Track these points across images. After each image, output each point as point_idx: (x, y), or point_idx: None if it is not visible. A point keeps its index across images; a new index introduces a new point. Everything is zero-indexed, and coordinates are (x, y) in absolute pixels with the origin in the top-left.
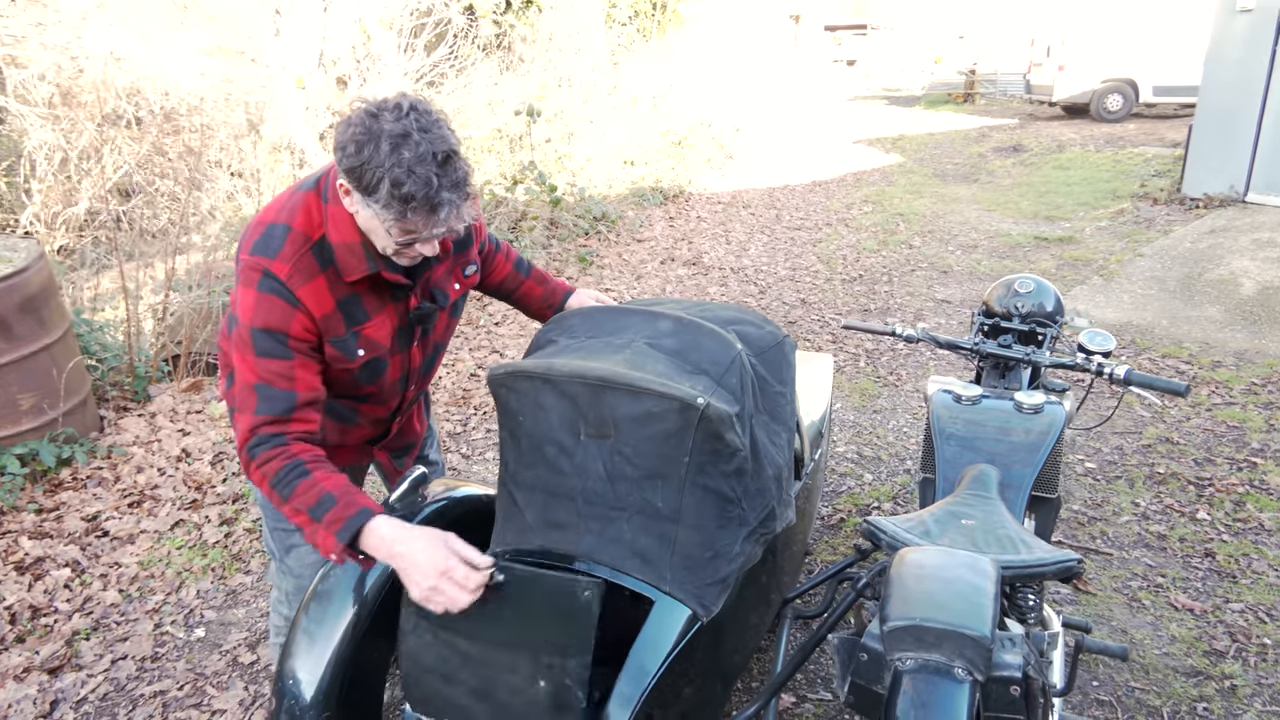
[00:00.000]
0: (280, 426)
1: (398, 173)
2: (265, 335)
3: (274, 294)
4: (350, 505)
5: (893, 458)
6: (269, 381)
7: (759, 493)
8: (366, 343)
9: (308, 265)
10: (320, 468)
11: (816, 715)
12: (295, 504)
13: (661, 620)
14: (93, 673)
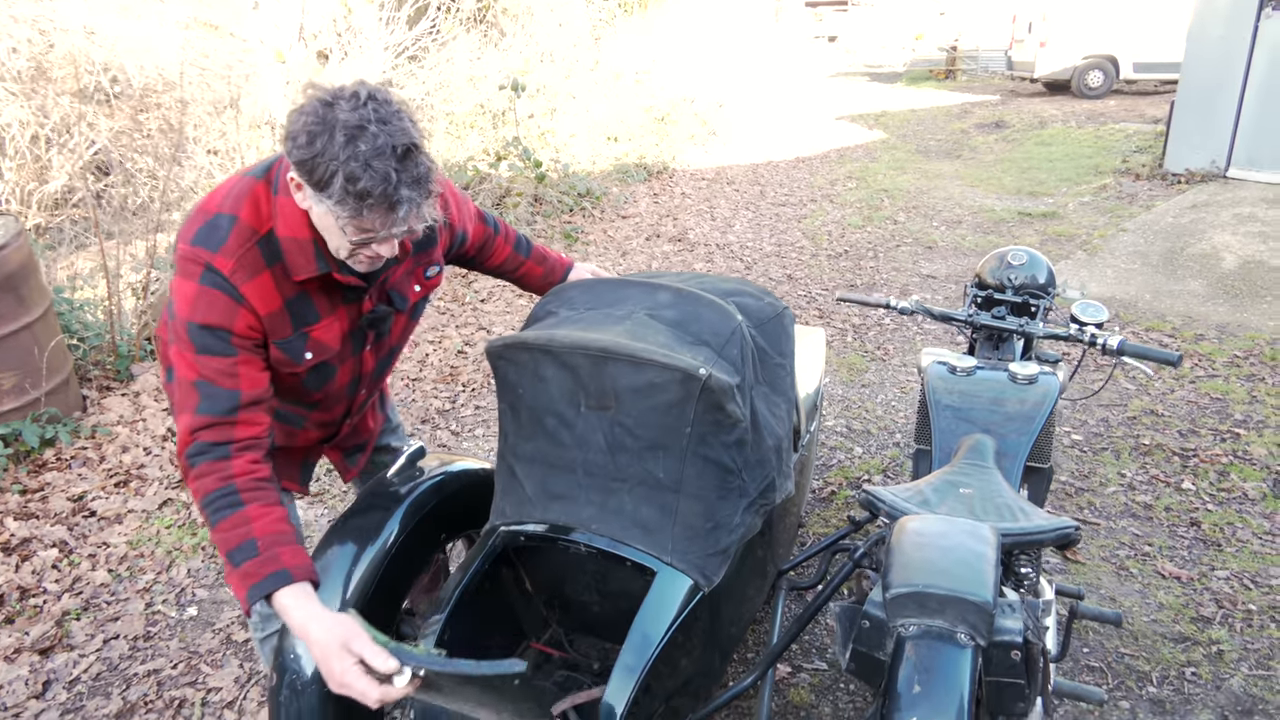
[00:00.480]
0: (223, 431)
1: (353, 167)
2: (205, 332)
3: (216, 288)
4: (269, 562)
5: (882, 431)
6: (210, 379)
7: (759, 464)
8: (315, 345)
9: (253, 260)
10: (256, 497)
11: (812, 685)
12: (218, 536)
13: (663, 591)
14: (84, 653)
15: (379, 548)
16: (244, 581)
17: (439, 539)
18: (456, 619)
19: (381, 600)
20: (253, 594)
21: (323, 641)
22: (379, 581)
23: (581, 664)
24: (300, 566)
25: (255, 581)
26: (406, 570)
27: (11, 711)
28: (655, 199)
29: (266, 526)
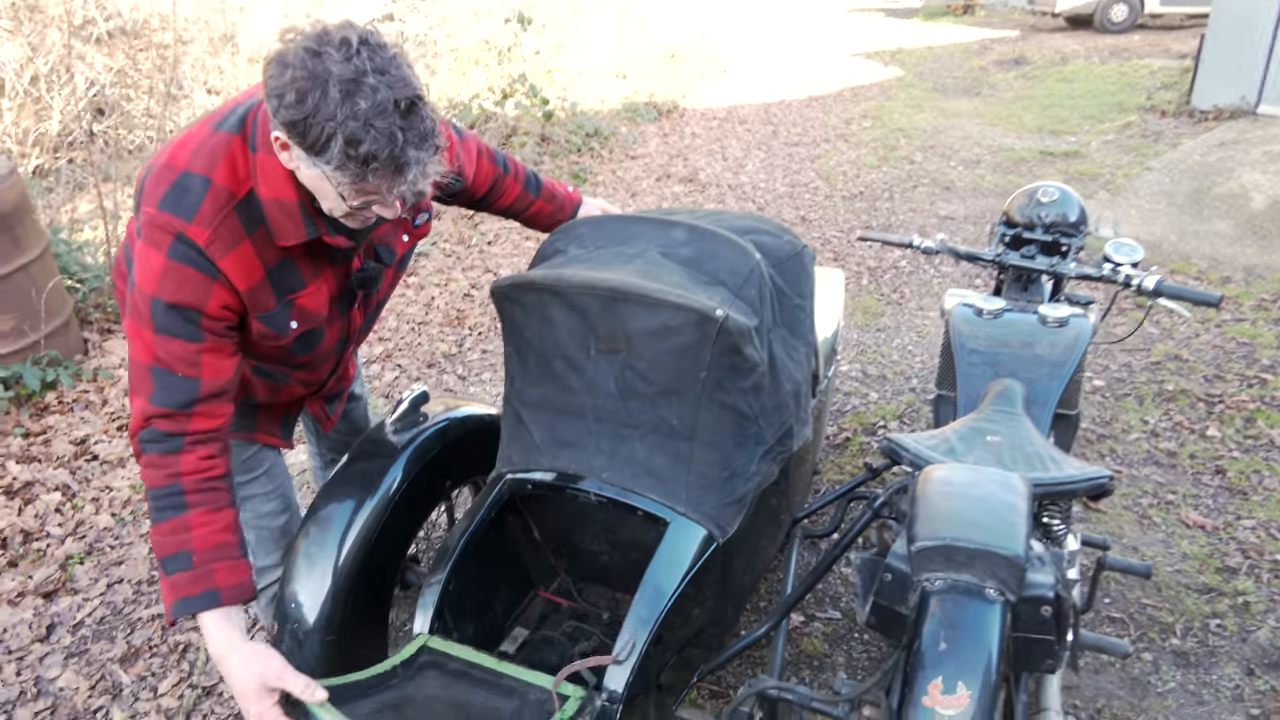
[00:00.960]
0: (178, 423)
1: (353, 127)
2: (172, 312)
3: (189, 263)
4: (201, 580)
5: (898, 376)
6: (168, 366)
7: (776, 410)
8: (300, 314)
9: (232, 229)
10: (202, 501)
11: (826, 634)
12: (156, 537)
13: (676, 541)
14: (88, 596)
15: (381, 496)
16: (173, 592)
17: (444, 486)
18: (461, 568)
19: (384, 550)
20: (177, 609)
21: (240, 677)
22: (381, 531)
23: (590, 614)
24: (232, 587)
25: (183, 597)
26: (410, 519)
27: (16, 655)
28: (665, 139)
29: (206, 538)
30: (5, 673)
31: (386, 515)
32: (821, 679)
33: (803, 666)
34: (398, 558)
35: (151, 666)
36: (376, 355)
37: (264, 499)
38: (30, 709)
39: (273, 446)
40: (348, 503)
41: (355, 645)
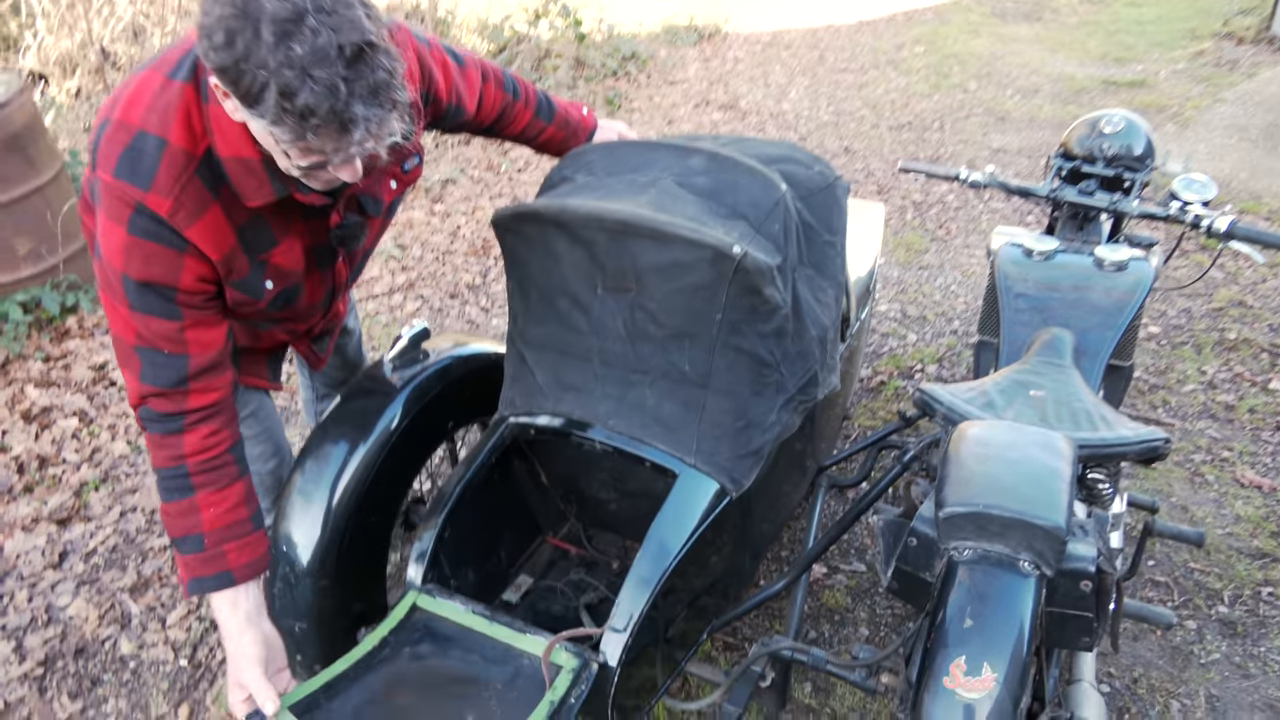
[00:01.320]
0: (175, 402)
1: (288, 77)
2: (145, 290)
3: (152, 238)
4: (214, 561)
5: (939, 317)
6: (153, 345)
7: (800, 356)
8: (275, 272)
9: (196, 194)
10: (208, 482)
11: (849, 588)
12: (166, 516)
13: (685, 495)
14: (102, 524)
15: (377, 437)
16: (187, 570)
17: (446, 427)
18: (459, 514)
19: (381, 493)
20: (192, 588)
21: (240, 661)
22: (377, 472)
23: (599, 562)
24: (245, 566)
25: (197, 577)
26: (409, 460)
27: (28, 581)
28: (705, 64)
29: (216, 519)
30: (17, 599)
31: (383, 456)
32: (841, 635)
33: (823, 621)
34: (396, 500)
35: (161, 597)
36: (399, 285)
37: (251, 443)
38: (40, 636)
39: (259, 389)
40: (342, 444)
41: (351, 589)
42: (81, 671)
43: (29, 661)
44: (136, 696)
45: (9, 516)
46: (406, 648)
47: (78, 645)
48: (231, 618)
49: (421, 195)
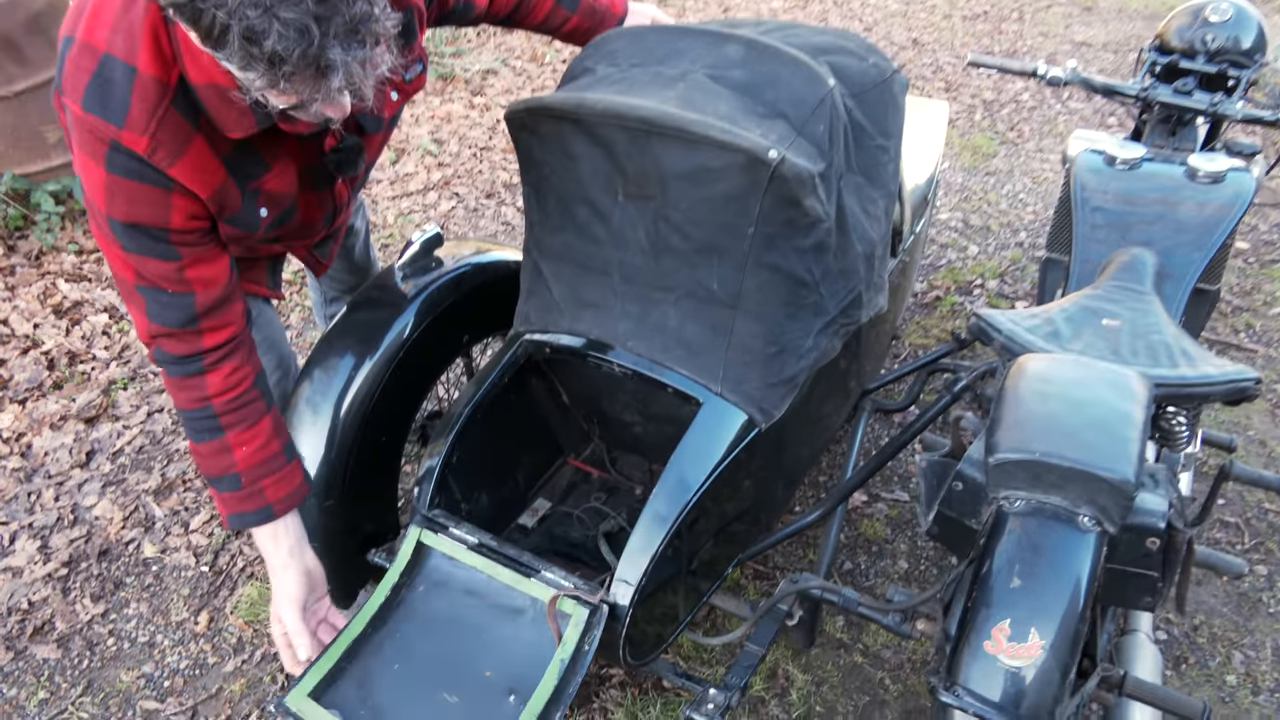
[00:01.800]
0: (189, 343)
1: (251, 18)
2: (134, 232)
3: (134, 177)
4: (253, 498)
5: (1004, 228)
6: (155, 284)
7: (842, 275)
8: (269, 199)
9: (174, 128)
10: (237, 421)
11: (889, 517)
12: (198, 456)
13: (709, 425)
14: (129, 424)
15: (386, 349)
16: (225, 506)
17: (461, 341)
18: (473, 432)
19: (392, 408)
20: (234, 522)
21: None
22: (386, 387)
23: (622, 486)
24: (284, 499)
25: (237, 512)
26: (421, 376)
27: (55, 480)
28: None
29: (250, 457)
30: (44, 498)
31: (392, 371)
32: (878, 568)
33: (859, 552)
34: (408, 417)
35: (185, 501)
36: (434, 182)
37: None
38: (66, 535)
39: (257, 296)
40: (348, 357)
41: (360, 509)
42: (105, 574)
43: (53, 562)
44: (158, 601)
45: (38, 413)
46: (416, 598)
47: (102, 547)
48: (275, 553)
49: (461, 87)
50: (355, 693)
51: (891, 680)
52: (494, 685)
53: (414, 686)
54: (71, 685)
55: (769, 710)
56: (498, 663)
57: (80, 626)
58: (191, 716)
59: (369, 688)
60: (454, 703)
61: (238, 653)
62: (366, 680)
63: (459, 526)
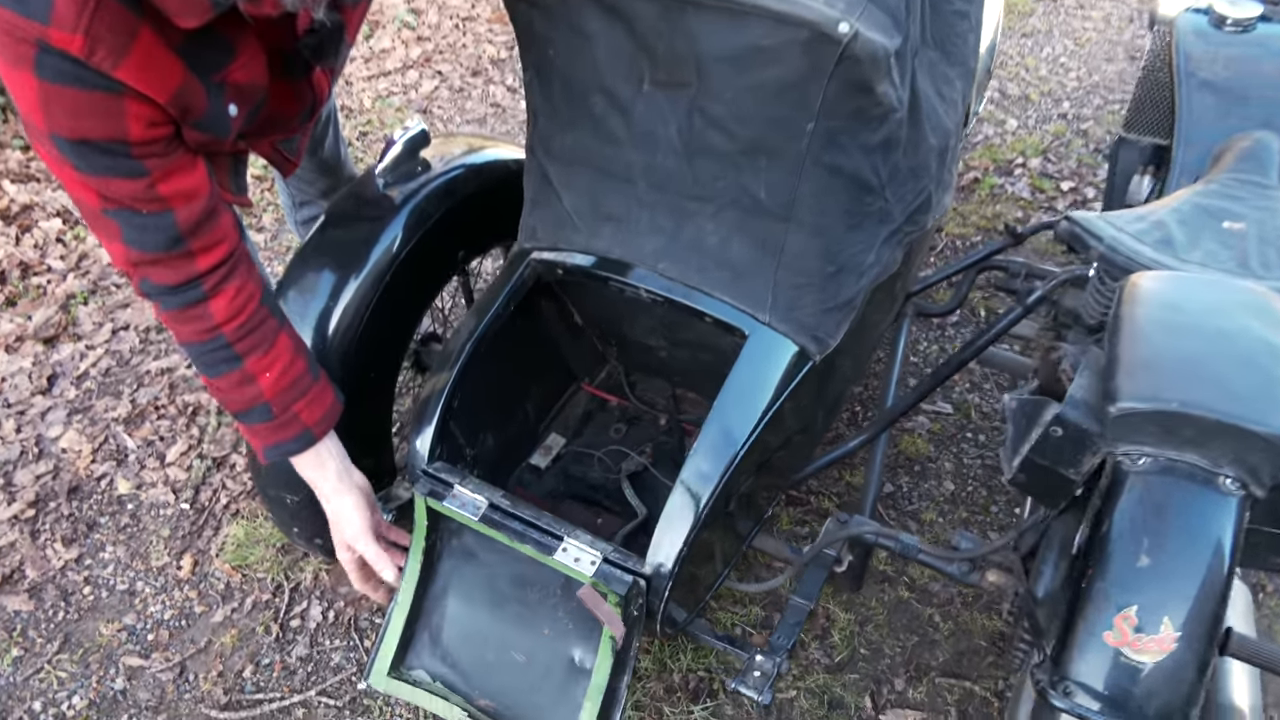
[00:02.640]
0: (179, 270)
1: None
2: (86, 149)
3: (73, 83)
4: (288, 425)
5: (1044, 97)
6: (124, 205)
7: (912, 175)
8: (237, 93)
9: (113, 20)
10: (253, 347)
11: (932, 433)
12: (217, 391)
13: (756, 362)
14: (92, 344)
15: (371, 268)
16: (259, 438)
17: (456, 258)
18: (475, 369)
19: (380, 336)
20: (271, 454)
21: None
22: (373, 313)
23: (644, 416)
24: (320, 420)
25: (275, 443)
26: (413, 297)
27: (16, 408)
28: None
29: (277, 381)
30: (4, 429)
31: (379, 294)
32: (922, 489)
33: (900, 472)
34: (399, 345)
35: (159, 430)
36: (414, 59)
37: None
38: (31, 471)
39: None
40: (327, 280)
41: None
42: (76, 514)
43: (19, 502)
44: (135, 544)
45: None
46: (451, 561)
47: (71, 484)
48: (324, 479)
49: None
50: (431, 658)
51: (941, 617)
52: (554, 644)
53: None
54: (47, 640)
55: (809, 654)
56: (551, 619)
57: (53, 574)
58: (180, 672)
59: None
60: (523, 662)
61: (226, 600)
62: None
63: (465, 483)
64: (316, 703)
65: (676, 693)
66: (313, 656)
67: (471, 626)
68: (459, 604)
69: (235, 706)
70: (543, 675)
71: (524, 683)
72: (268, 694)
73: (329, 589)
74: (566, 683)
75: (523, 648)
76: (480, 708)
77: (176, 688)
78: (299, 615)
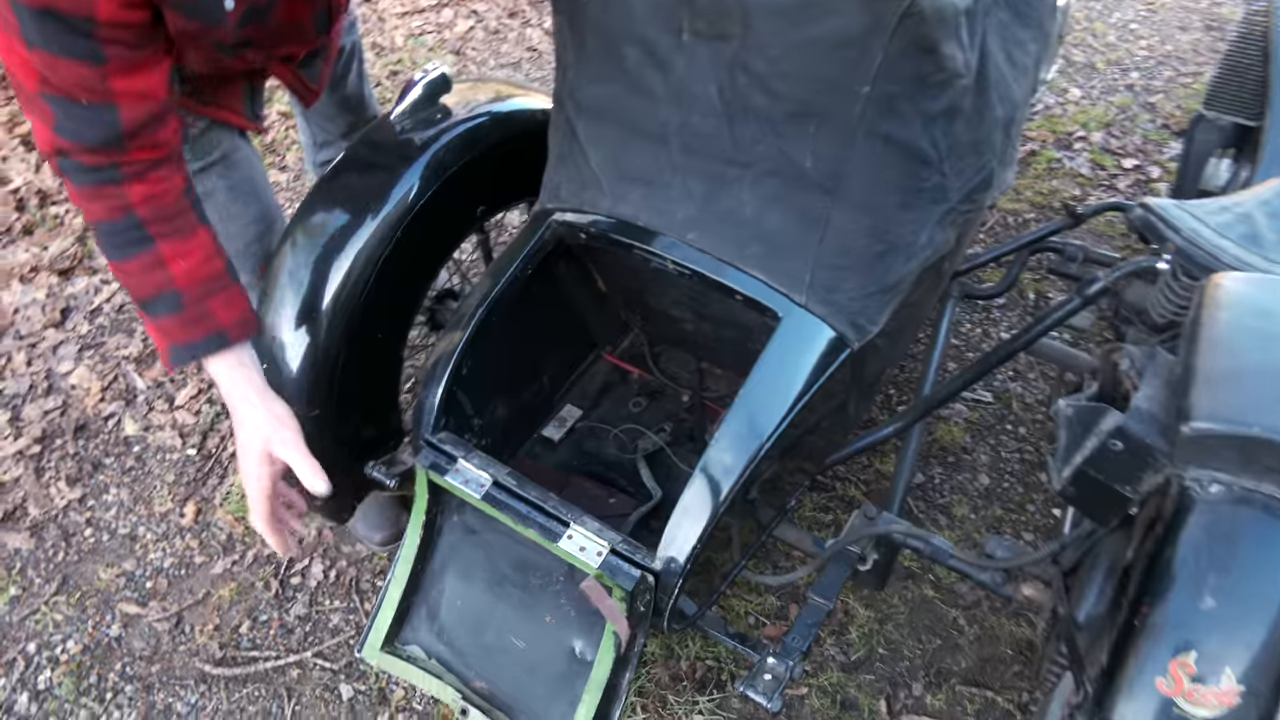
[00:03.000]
0: (107, 157)
1: None
2: (45, 21)
3: None
4: (199, 322)
5: (1111, 66)
6: (67, 93)
7: (973, 149)
8: None
9: None
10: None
11: (969, 421)
12: (123, 275)
13: (788, 347)
14: (107, 278)
15: (383, 219)
16: (166, 337)
17: (475, 212)
18: (489, 334)
19: (390, 293)
20: (177, 356)
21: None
22: (384, 264)
23: (666, 390)
24: (237, 324)
25: (183, 342)
26: (426, 254)
27: (28, 340)
28: None
29: (191, 271)
30: (15, 361)
31: (391, 249)
32: (955, 481)
33: (933, 461)
34: (410, 305)
35: (169, 372)
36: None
37: (228, 198)
38: (39, 406)
39: (230, 126)
40: (335, 222)
41: (352, 413)
42: (82, 453)
43: (25, 437)
44: (139, 488)
45: (6, 263)
46: (452, 537)
47: (78, 421)
48: (239, 382)
49: None
50: (428, 635)
51: (967, 620)
52: (556, 632)
53: (481, 630)
54: (45, 581)
55: (824, 650)
56: (553, 605)
57: (55, 513)
58: (176, 623)
59: (439, 629)
60: (523, 648)
61: (227, 552)
62: (435, 622)
63: (470, 457)
64: (312, 664)
65: (683, 681)
66: (311, 616)
67: (470, 606)
68: (458, 582)
69: (229, 663)
70: (542, 664)
71: (522, 669)
72: (263, 652)
73: (331, 547)
74: (566, 674)
75: (522, 633)
76: (476, 690)
77: (172, 638)
78: (300, 573)
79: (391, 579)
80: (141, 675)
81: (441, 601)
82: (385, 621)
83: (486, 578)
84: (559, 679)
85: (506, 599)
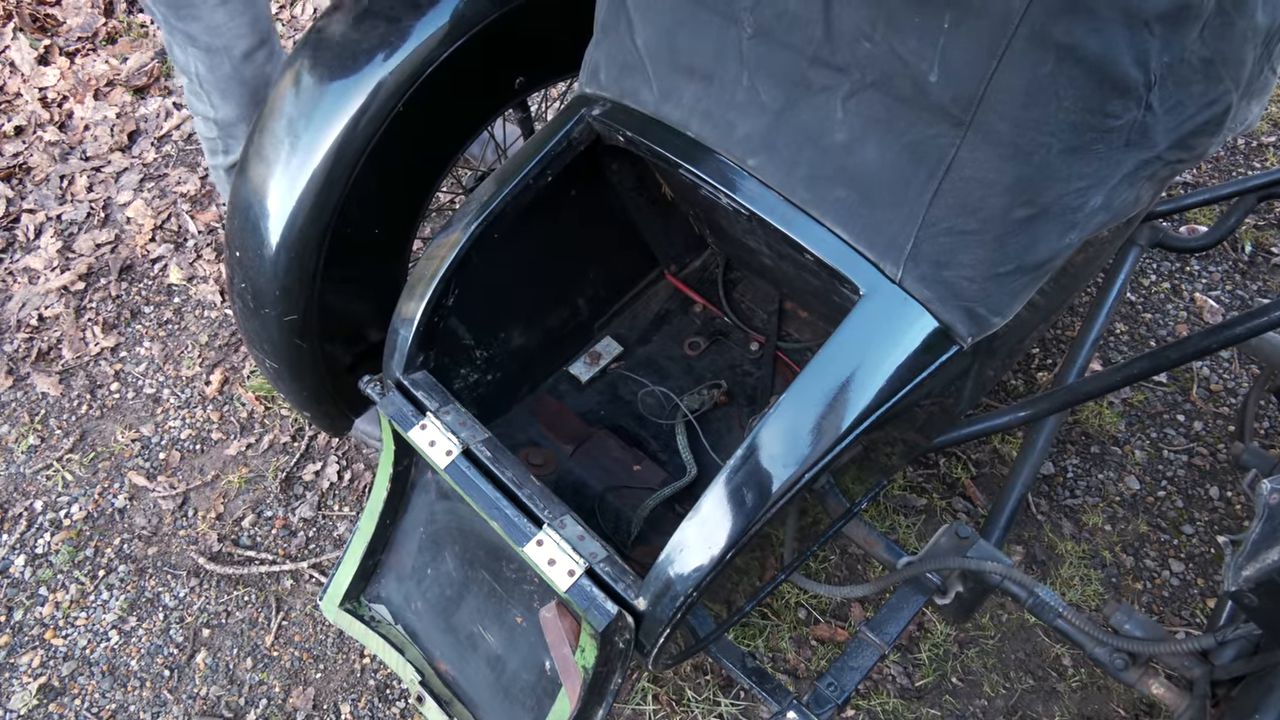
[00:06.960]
0: None
1: None
2: None
3: None
4: None
5: None
6: None
7: (1205, 71)
8: None
9: None
10: None
11: (1128, 404)
12: None
13: (871, 334)
14: (180, 102)
15: (392, 73)
16: None
17: (511, 85)
18: (505, 230)
19: (400, 166)
20: None
21: None
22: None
23: (733, 335)
24: None
25: None
26: (448, 119)
27: (92, 163)
28: None
29: None
30: (77, 184)
31: (389, 121)
32: (1094, 481)
33: (1069, 448)
34: (424, 185)
35: (221, 216)
36: None
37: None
38: (92, 238)
39: None
40: (348, 72)
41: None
42: (124, 296)
43: (71, 272)
44: (173, 344)
45: (84, 73)
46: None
47: (126, 260)
48: None
49: None
50: (396, 594)
51: (1072, 663)
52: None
53: (449, 609)
54: (65, 434)
55: (883, 667)
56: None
57: (87, 360)
58: (181, 504)
59: (406, 593)
60: (491, 645)
61: (245, 432)
62: (402, 584)
63: (443, 411)
64: (307, 575)
65: (706, 675)
66: (316, 520)
67: (441, 580)
68: (429, 549)
69: (224, 560)
70: (509, 669)
71: (489, 667)
72: (260, 554)
73: (352, 448)
74: (534, 689)
75: (492, 628)
76: (439, 671)
77: (174, 520)
78: (313, 472)
79: (357, 531)
80: (137, 557)
81: (410, 565)
82: (347, 576)
83: (459, 553)
84: (525, 692)
85: (478, 585)
